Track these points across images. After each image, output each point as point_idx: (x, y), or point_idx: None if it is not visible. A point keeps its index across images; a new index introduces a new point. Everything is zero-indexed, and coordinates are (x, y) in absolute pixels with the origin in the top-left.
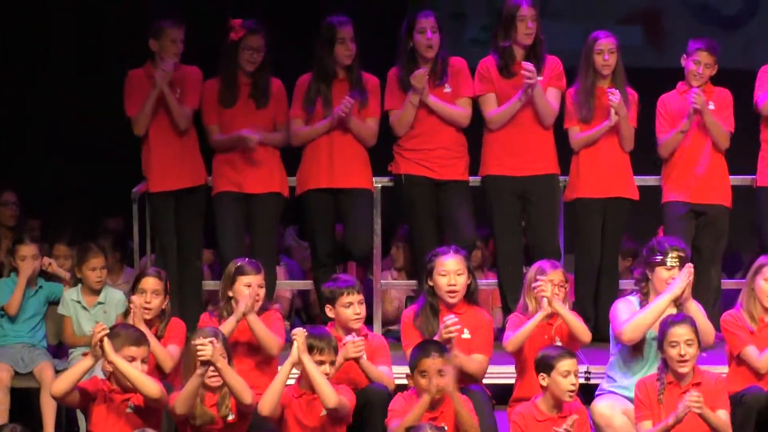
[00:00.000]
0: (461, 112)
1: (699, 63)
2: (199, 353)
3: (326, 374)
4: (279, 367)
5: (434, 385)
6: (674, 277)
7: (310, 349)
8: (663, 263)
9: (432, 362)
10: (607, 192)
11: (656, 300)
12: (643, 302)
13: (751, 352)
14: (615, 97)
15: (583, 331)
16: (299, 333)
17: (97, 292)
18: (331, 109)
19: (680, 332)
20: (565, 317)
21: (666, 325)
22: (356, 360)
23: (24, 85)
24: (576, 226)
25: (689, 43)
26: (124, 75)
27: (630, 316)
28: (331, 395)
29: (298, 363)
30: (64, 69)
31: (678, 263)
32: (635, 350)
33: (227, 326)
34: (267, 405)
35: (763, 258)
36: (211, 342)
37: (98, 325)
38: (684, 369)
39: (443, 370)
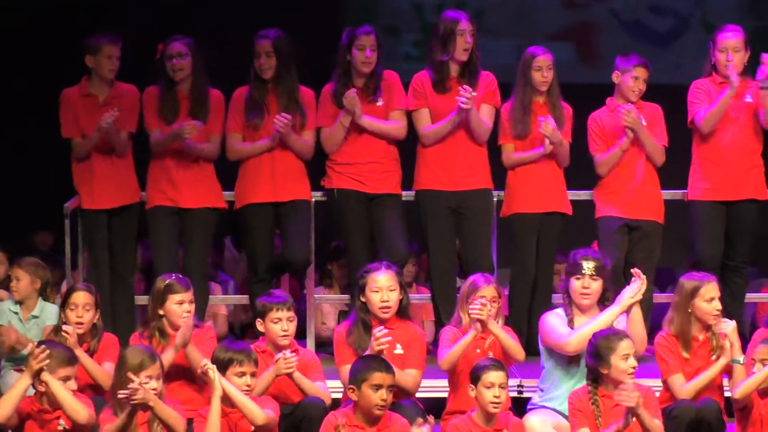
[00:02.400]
0: (396, 125)
1: (638, 79)
2: (132, 397)
3: (248, 386)
4: None
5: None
6: (587, 287)
7: (230, 362)
8: (575, 273)
9: (384, 376)
10: (542, 207)
11: (605, 312)
12: (568, 313)
13: (675, 380)
14: (549, 125)
15: (516, 349)
16: (209, 367)
17: (32, 306)
18: (269, 122)
19: (627, 345)
20: (499, 337)
21: (611, 340)
22: (289, 375)
23: None
24: (512, 241)
25: (619, 60)
26: (57, 91)
27: (578, 326)
28: (258, 414)
29: (224, 394)
30: None
31: (594, 273)
32: (571, 362)
33: (166, 359)
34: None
35: (692, 277)
36: (140, 385)
37: (35, 346)
38: (631, 380)
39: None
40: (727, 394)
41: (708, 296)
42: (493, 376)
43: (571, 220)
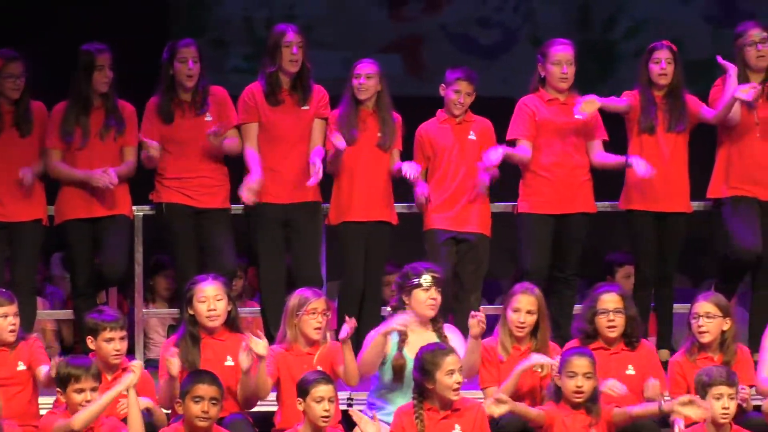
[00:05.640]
0: (236, 142)
1: (459, 92)
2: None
3: (87, 401)
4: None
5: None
6: (433, 298)
7: (68, 378)
8: (419, 285)
9: (207, 388)
10: (369, 216)
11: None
12: (401, 332)
13: (489, 393)
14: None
15: (354, 375)
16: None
17: None
18: (90, 137)
19: (453, 360)
20: (347, 357)
21: (436, 356)
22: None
23: None
24: (340, 252)
25: (447, 73)
26: None
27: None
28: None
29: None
30: None
31: (433, 284)
32: (395, 378)
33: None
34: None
35: (515, 287)
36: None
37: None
38: (457, 396)
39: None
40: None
41: (515, 306)
42: (322, 390)
43: (401, 233)
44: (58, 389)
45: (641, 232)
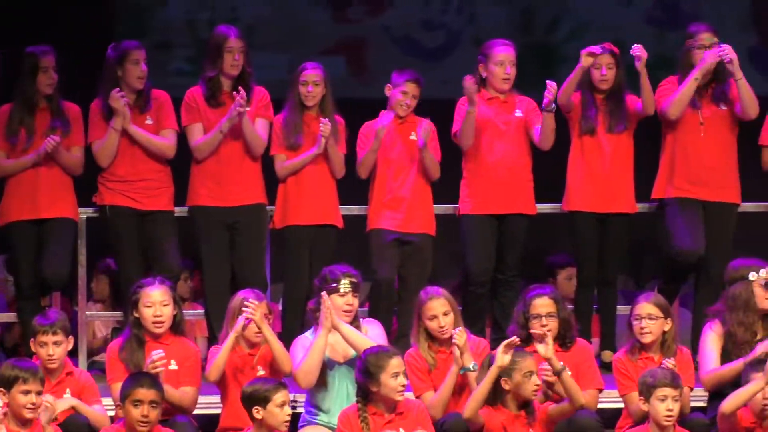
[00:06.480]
0: (165, 143)
1: (407, 93)
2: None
3: (33, 404)
4: None
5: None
6: (350, 304)
7: (15, 380)
8: (337, 290)
9: (145, 392)
10: (314, 219)
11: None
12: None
13: (427, 400)
14: (326, 127)
15: (287, 360)
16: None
17: None
18: (35, 138)
19: (397, 363)
20: (272, 344)
21: (380, 358)
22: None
23: None
24: (284, 255)
25: (394, 75)
26: None
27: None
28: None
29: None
30: None
31: (350, 289)
32: (318, 381)
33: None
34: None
35: (421, 296)
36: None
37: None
38: (401, 398)
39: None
40: None
41: (430, 314)
42: (283, 394)
43: (343, 234)
44: (1, 389)
45: (583, 233)
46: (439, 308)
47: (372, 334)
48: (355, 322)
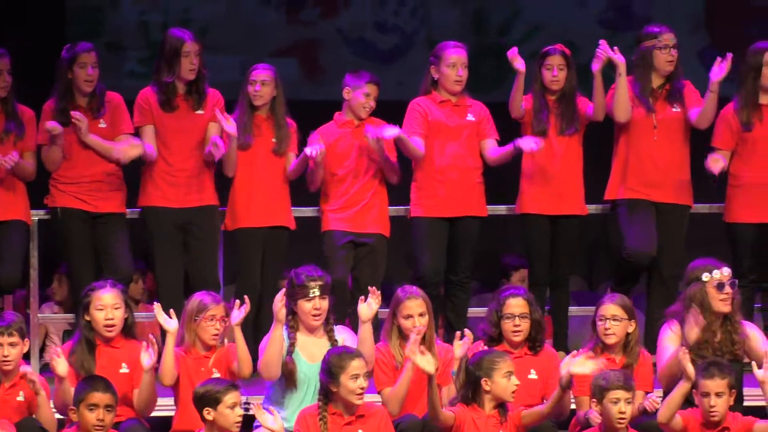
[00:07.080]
0: (120, 146)
1: (369, 95)
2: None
3: None
4: None
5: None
6: (318, 308)
7: None
8: (305, 295)
9: (101, 396)
10: (266, 221)
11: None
12: (291, 336)
13: (384, 394)
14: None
15: (248, 362)
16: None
17: None
18: None
19: (359, 365)
20: (240, 347)
21: (342, 359)
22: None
23: None
24: (236, 257)
25: (349, 77)
26: None
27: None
28: None
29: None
30: None
31: (319, 293)
32: (287, 383)
33: None
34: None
35: (398, 294)
36: None
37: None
38: (360, 401)
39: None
40: None
41: (406, 313)
42: (235, 395)
43: (297, 236)
44: None
45: (535, 235)
46: (415, 308)
47: (348, 343)
48: (327, 326)
